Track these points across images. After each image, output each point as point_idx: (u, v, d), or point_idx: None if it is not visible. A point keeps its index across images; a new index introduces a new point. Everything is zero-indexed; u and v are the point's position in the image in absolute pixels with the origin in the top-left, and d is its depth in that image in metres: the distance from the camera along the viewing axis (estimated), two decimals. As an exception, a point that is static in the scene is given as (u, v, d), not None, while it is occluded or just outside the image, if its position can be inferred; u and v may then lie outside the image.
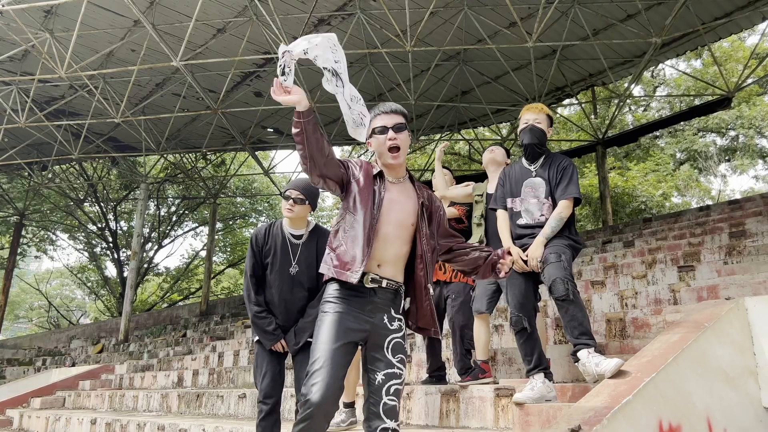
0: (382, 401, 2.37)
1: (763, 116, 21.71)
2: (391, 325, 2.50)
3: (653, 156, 22.90)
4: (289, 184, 3.69)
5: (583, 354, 3.30)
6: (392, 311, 2.52)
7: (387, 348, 2.45)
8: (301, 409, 2.29)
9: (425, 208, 2.65)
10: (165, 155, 19.64)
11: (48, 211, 25.80)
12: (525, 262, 3.59)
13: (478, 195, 4.80)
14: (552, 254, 3.51)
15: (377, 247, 2.52)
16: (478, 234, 4.77)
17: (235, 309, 19.64)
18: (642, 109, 25.64)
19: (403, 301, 2.60)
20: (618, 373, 3.08)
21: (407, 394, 4.72)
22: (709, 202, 20.41)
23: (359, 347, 2.51)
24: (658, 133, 23.67)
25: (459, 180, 5.35)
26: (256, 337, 3.61)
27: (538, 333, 3.97)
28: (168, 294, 30.83)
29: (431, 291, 2.64)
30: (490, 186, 4.61)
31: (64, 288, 38.53)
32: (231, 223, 29.68)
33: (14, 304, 35.58)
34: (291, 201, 3.55)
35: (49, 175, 21.72)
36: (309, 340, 3.41)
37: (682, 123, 22.16)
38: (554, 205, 3.70)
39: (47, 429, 8.64)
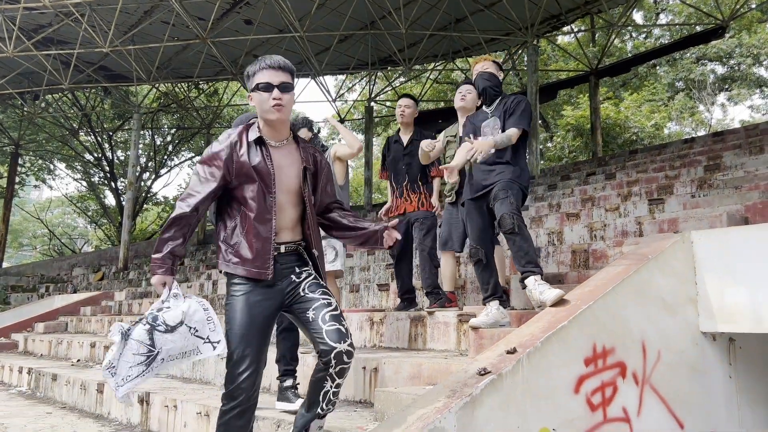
0: (323, 330, 2.36)
1: (762, 44, 21.32)
2: (299, 278, 2.51)
3: (647, 85, 22.64)
4: None
5: (530, 281, 3.56)
6: (296, 268, 2.52)
7: (305, 293, 2.47)
8: (227, 399, 2.32)
9: (308, 171, 2.58)
10: (156, 85, 19.47)
11: (44, 141, 25.78)
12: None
13: (451, 136, 4.96)
14: (500, 191, 3.73)
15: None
16: None
17: (232, 238, 19.99)
18: (643, 36, 25.13)
19: (307, 255, 2.59)
20: (562, 301, 3.34)
21: (380, 320, 5.05)
22: (702, 133, 20.40)
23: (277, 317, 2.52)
24: (656, 62, 23.33)
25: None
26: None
27: (498, 265, 4.26)
28: (167, 223, 31.15)
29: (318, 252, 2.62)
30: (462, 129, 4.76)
31: (65, 216, 38.89)
32: (227, 152, 29.62)
33: (17, 233, 36.04)
34: None
35: (42, 105, 21.59)
36: None
37: (680, 51, 21.83)
38: None
39: (50, 351, 9.09)
